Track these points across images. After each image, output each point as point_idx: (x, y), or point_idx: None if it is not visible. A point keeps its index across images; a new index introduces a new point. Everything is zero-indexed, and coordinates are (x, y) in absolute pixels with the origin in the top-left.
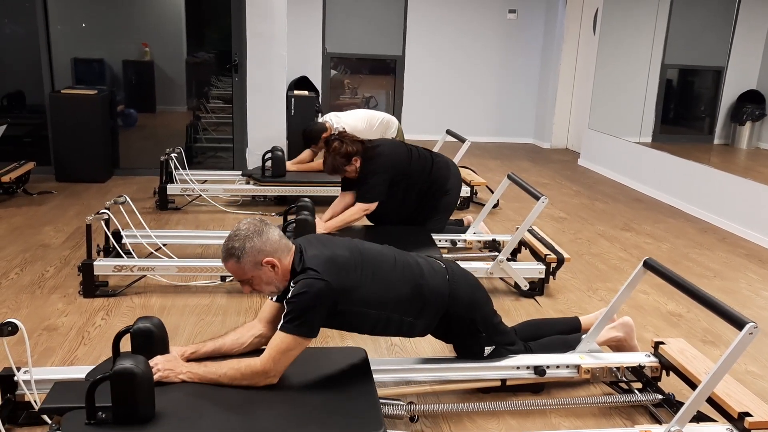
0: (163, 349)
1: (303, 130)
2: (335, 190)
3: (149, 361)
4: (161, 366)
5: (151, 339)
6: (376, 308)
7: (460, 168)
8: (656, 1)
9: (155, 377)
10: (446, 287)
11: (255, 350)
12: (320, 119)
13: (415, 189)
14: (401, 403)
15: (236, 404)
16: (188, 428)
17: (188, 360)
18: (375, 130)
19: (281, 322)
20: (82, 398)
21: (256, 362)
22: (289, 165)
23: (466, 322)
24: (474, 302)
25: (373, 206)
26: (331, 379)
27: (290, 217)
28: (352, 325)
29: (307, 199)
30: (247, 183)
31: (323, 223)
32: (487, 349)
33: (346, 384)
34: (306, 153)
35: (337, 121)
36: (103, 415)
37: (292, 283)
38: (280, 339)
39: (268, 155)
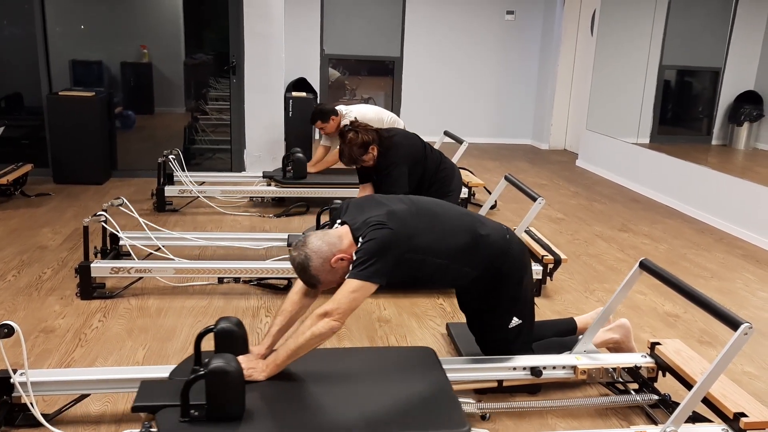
0: (244, 348)
1: (314, 107)
2: (355, 191)
3: None
4: (244, 365)
5: (233, 339)
6: (437, 255)
7: (458, 169)
8: (654, 2)
9: None
10: (503, 241)
11: None
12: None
13: (423, 184)
14: (472, 401)
15: (321, 402)
16: (278, 425)
17: (265, 356)
18: (385, 124)
19: (349, 271)
20: (169, 397)
21: (320, 309)
22: (308, 166)
23: (513, 281)
24: (524, 265)
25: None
26: (405, 378)
27: (324, 219)
28: (413, 273)
29: (339, 202)
30: (268, 185)
31: None
32: (515, 321)
33: (421, 383)
34: (320, 151)
35: (347, 110)
36: (196, 413)
37: (360, 239)
38: (347, 283)
39: (290, 157)
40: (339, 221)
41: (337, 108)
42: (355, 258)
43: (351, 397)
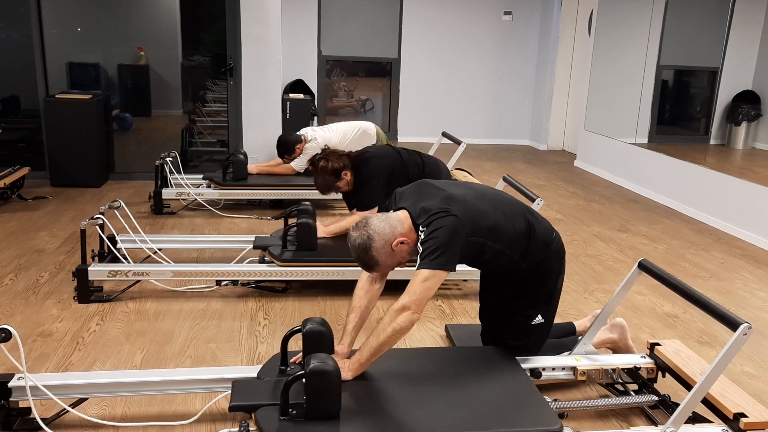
0: (330, 349)
1: (278, 139)
2: (298, 193)
3: None
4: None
5: (321, 339)
6: (496, 239)
7: (456, 170)
8: (651, 2)
9: None
10: (550, 236)
11: None
12: (298, 132)
13: None
14: (549, 399)
15: (412, 401)
16: (375, 423)
17: (347, 354)
18: (350, 141)
19: (418, 263)
20: (264, 396)
21: (397, 304)
22: (252, 168)
23: (552, 277)
24: (563, 263)
25: (373, 212)
26: (488, 377)
27: (291, 221)
28: (474, 256)
29: (307, 203)
30: (209, 186)
31: (324, 228)
32: (537, 319)
33: (506, 382)
34: (275, 160)
35: (312, 133)
36: (294, 412)
37: (420, 229)
38: (418, 274)
39: (229, 158)
40: (393, 208)
41: (303, 130)
42: (422, 248)
43: (439, 396)
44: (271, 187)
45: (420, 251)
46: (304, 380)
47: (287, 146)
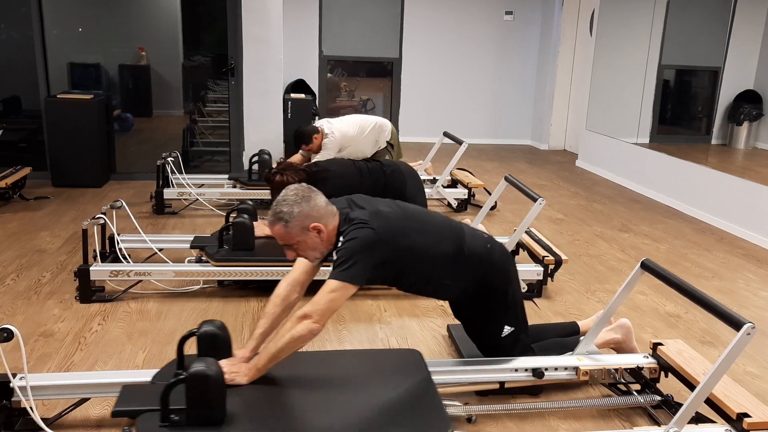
0: (227, 352)
1: (294, 131)
2: None
3: None
4: (227, 369)
5: (216, 342)
6: (419, 264)
7: (457, 170)
8: (652, 1)
9: None
10: (486, 253)
11: None
12: (314, 125)
13: None
14: (458, 404)
15: (304, 406)
16: (259, 429)
17: (249, 359)
18: (367, 134)
19: (330, 272)
20: (150, 401)
21: (300, 311)
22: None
23: (499, 293)
24: (509, 274)
25: None
26: (391, 380)
27: (231, 219)
28: (393, 278)
29: (250, 202)
30: (234, 186)
31: (265, 227)
32: (507, 329)
33: (406, 385)
34: (297, 156)
35: (329, 126)
36: (176, 418)
37: (341, 237)
38: (326, 284)
39: (255, 158)
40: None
41: (319, 122)
42: (335, 256)
43: (333, 401)
44: None
45: (333, 259)
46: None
47: (304, 136)
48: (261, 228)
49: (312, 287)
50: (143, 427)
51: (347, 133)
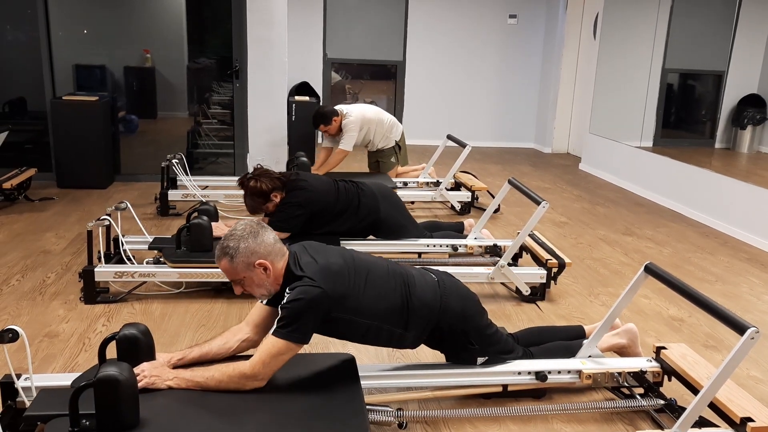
0: (149, 355)
1: (314, 111)
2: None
3: (136, 368)
4: (147, 372)
5: (136, 346)
6: (367, 317)
7: (460, 173)
8: (656, 5)
9: (141, 384)
10: (437, 300)
11: (242, 355)
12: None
13: (355, 223)
14: (389, 409)
15: (221, 410)
16: None
17: (175, 366)
18: (384, 125)
19: (274, 327)
20: (61, 406)
21: (245, 365)
22: (314, 170)
23: (457, 334)
24: (466, 314)
25: (284, 236)
26: (318, 384)
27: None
28: (343, 333)
29: (210, 204)
30: None
31: (225, 227)
32: (480, 360)
33: (333, 390)
34: (323, 154)
35: (347, 109)
36: (87, 423)
37: (287, 290)
38: (272, 343)
39: (294, 161)
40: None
41: (337, 108)
42: (281, 313)
43: (252, 405)
44: None
45: (279, 313)
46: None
47: (325, 116)
48: (221, 229)
49: None
50: (53, 431)
51: (365, 115)
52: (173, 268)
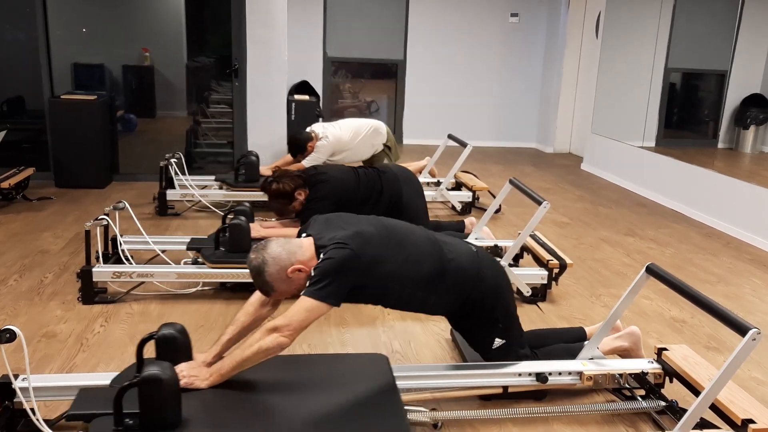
0: (187, 355)
1: (288, 138)
2: None
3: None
4: (186, 373)
5: (175, 345)
6: (400, 283)
7: (461, 173)
8: (659, 4)
9: (180, 384)
10: (474, 268)
11: None
12: (307, 130)
13: (375, 211)
14: (424, 409)
15: (261, 411)
16: None
17: (210, 364)
18: (362, 139)
19: (305, 288)
20: (107, 405)
21: (271, 323)
22: (264, 169)
23: (486, 308)
24: (498, 288)
25: None
26: (354, 386)
27: (228, 221)
28: (376, 297)
29: (246, 204)
30: (220, 188)
31: (263, 229)
32: (498, 342)
33: (370, 391)
34: (287, 157)
35: (322, 131)
36: (131, 422)
37: (321, 255)
38: (301, 301)
39: (242, 160)
40: (304, 234)
41: (313, 126)
42: (313, 274)
43: (292, 407)
44: None
45: (311, 277)
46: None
47: (299, 145)
48: (257, 230)
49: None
50: (96, 431)
51: (341, 139)
52: (212, 269)
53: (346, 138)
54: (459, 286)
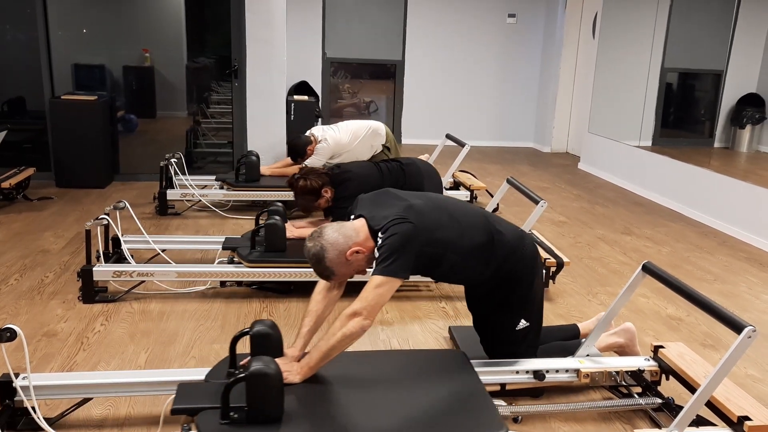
0: (279, 351)
1: (288, 143)
2: None
3: None
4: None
5: (268, 341)
6: (454, 251)
7: (459, 172)
8: (655, 4)
9: None
10: (518, 243)
11: None
12: (306, 133)
13: None
14: (503, 403)
15: (357, 405)
16: (317, 427)
17: (299, 358)
18: (362, 141)
19: (373, 268)
20: (208, 399)
21: (348, 309)
22: (264, 169)
23: (524, 284)
24: (536, 268)
25: None
26: (439, 381)
27: (262, 221)
28: (429, 267)
29: (279, 204)
30: (221, 187)
31: (295, 229)
32: (523, 323)
33: (456, 386)
34: (286, 159)
35: (322, 134)
36: (236, 415)
37: (380, 235)
38: (372, 281)
39: (242, 160)
40: (353, 215)
41: (312, 130)
42: (378, 254)
43: (385, 400)
44: (283, 188)
45: (376, 257)
46: (244, 383)
47: (298, 149)
48: (290, 230)
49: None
50: (204, 424)
51: (340, 141)
52: (249, 268)
53: (345, 140)
54: (505, 258)
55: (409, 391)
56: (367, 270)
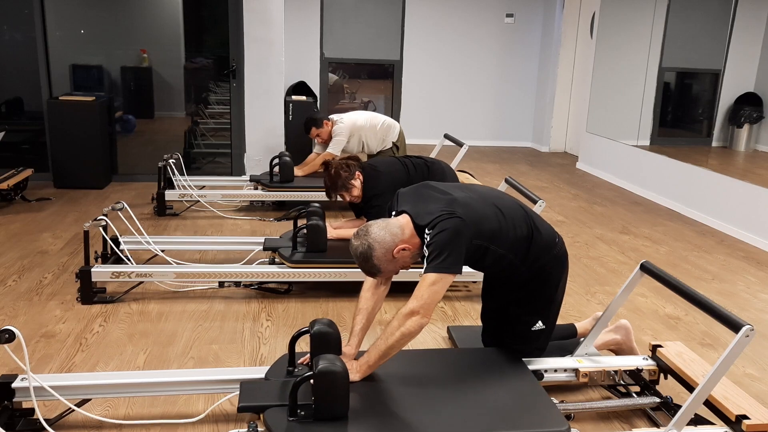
0: (337, 350)
1: (305, 118)
2: None
3: None
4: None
5: (328, 341)
6: (497, 244)
7: (457, 172)
8: (653, 4)
9: None
10: (552, 241)
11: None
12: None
13: None
14: (555, 401)
15: (419, 403)
16: (381, 425)
17: (356, 356)
18: (376, 129)
19: (425, 266)
20: (273, 397)
21: (404, 308)
22: (296, 170)
23: (551, 283)
24: (565, 269)
25: None
26: (497, 379)
27: (301, 223)
28: (475, 259)
29: (317, 205)
30: (255, 188)
31: (332, 230)
32: (539, 325)
33: (514, 384)
34: (312, 157)
35: (337, 116)
36: (303, 413)
37: (426, 231)
38: (425, 278)
39: (276, 160)
40: (394, 211)
41: (329, 117)
42: (427, 251)
43: (446, 397)
44: (317, 189)
45: (425, 254)
46: (312, 381)
47: (316, 120)
48: (329, 231)
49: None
50: (272, 421)
51: (356, 122)
52: (292, 269)
53: (360, 122)
54: (539, 255)
55: (467, 388)
56: (413, 265)
